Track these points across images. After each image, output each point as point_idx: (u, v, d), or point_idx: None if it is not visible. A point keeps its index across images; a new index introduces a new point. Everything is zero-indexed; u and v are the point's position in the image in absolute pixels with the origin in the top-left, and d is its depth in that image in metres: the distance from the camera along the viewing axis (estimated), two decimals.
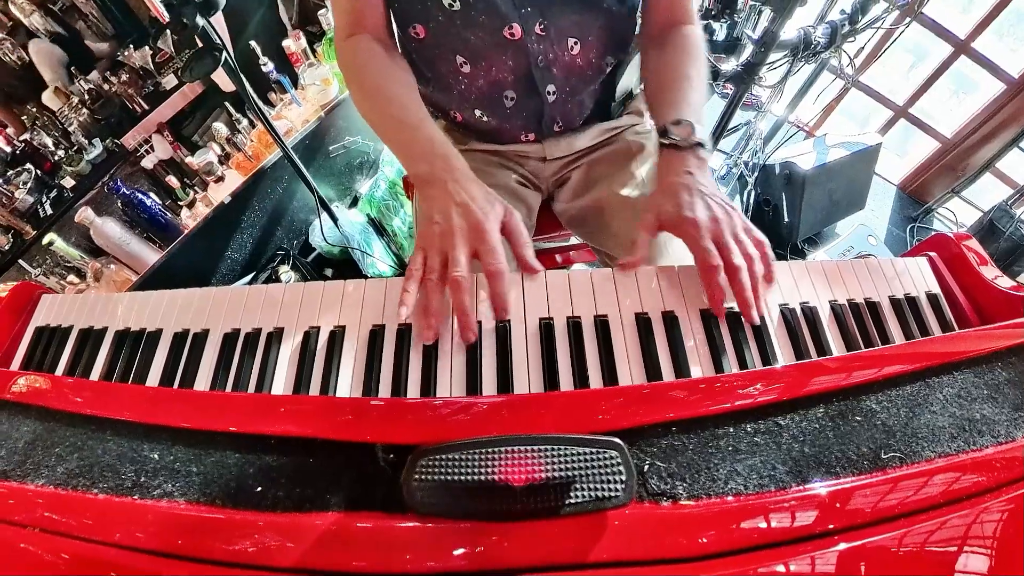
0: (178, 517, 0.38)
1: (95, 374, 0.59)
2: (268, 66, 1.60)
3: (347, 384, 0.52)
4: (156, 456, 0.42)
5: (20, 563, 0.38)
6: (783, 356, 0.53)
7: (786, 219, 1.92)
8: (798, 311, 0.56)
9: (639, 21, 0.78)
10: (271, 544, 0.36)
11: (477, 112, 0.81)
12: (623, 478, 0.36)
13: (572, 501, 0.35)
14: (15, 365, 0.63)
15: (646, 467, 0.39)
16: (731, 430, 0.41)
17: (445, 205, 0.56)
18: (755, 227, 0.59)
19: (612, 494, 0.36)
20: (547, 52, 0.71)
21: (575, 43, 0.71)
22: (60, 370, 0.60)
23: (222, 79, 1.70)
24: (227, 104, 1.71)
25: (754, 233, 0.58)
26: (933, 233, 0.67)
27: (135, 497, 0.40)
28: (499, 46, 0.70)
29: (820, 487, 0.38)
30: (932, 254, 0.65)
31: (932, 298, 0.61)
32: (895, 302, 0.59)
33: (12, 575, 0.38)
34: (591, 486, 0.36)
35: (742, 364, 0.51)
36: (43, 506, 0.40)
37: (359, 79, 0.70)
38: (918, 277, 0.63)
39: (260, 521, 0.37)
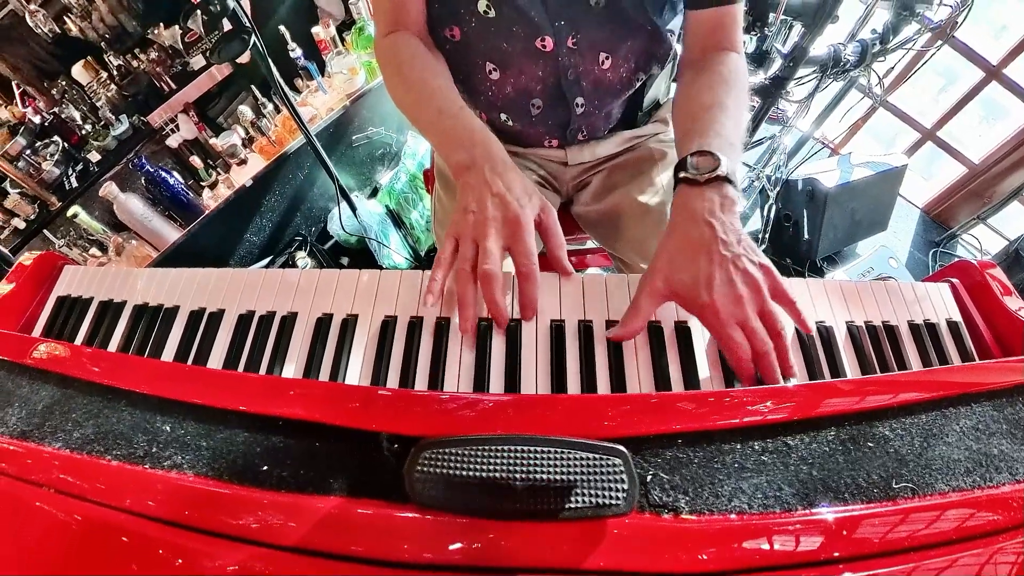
0: (186, 489, 0.39)
1: (112, 346, 0.60)
2: (296, 52, 1.61)
3: (356, 372, 0.52)
4: (168, 428, 0.43)
5: (35, 520, 0.39)
6: (796, 375, 0.52)
7: (806, 236, 1.89)
8: (813, 330, 0.56)
9: (675, 40, 0.76)
10: (273, 522, 0.37)
11: (502, 116, 0.81)
12: (625, 486, 0.36)
13: (572, 505, 0.35)
14: (37, 332, 0.65)
15: (649, 477, 0.39)
16: (738, 447, 0.41)
17: (481, 194, 0.54)
18: (783, 282, 0.51)
19: (613, 502, 0.35)
20: (578, 65, 0.71)
21: (606, 58, 0.71)
22: (79, 340, 0.62)
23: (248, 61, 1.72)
24: (253, 88, 1.74)
25: (784, 295, 0.50)
26: (956, 259, 0.66)
27: (146, 466, 0.41)
28: (530, 56, 0.69)
29: (827, 512, 0.37)
30: (954, 281, 0.64)
31: (952, 326, 0.59)
32: (914, 327, 0.58)
33: (26, 531, 0.39)
34: (592, 492, 0.36)
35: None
36: (58, 468, 0.42)
37: (402, 72, 0.68)
38: (939, 303, 0.61)
39: (264, 499, 0.38)
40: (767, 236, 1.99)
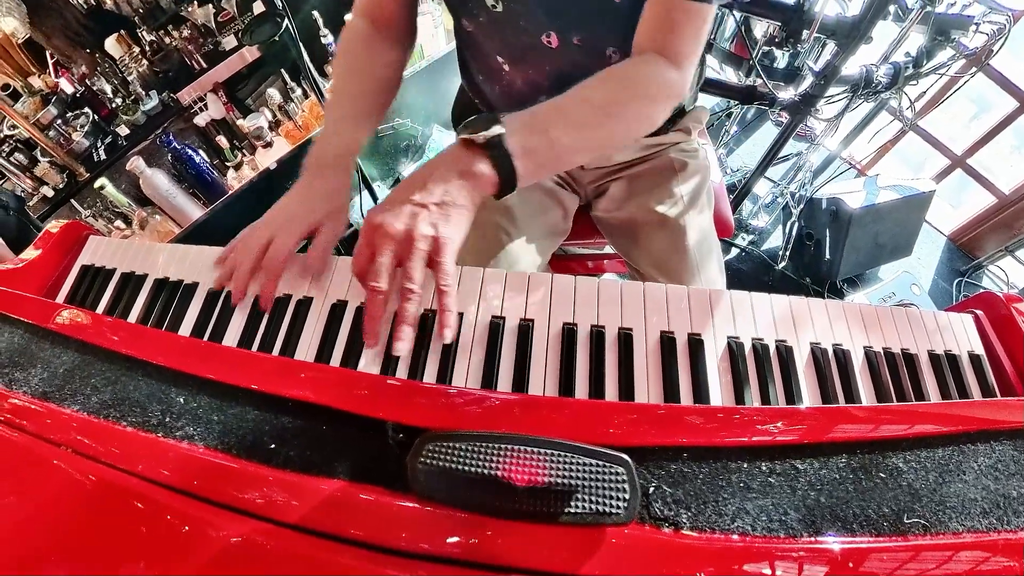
0: (196, 459, 0.40)
1: (132, 317, 0.61)
2: (328, 38, 1.62)
3: (367, 360, 0.53)
4: (182, 400, 0.44)
5: (52, 478, 0.41)
6: (808, 397, 0.51)
7: (827, 256, 1.86)
8: (830, 352, 0.55)
9: None
10: (277, 499, 0.38)
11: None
12: (626, 496, 0.36)
13: (572, 510, 0.35)
14: (60, 298, 0.67)
15: (651, 489, 0.38)
16: (745, 466, 0.40)
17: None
18: (447, 263, 0.49)
19: (613, 510, 0.35)
20: (585, 62, 0.69)
21: (613, 52, 0.69)
22: (100, 308, 0.63)
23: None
24: (283, 71, 1.76)
25: (439, 269, 0.49)
26: (981, 290, 0.64)
27: (159, 435, 0.42)
28: (537, 51, 0.69)
29: (833, 542, 0.37)
30: (978, 312, 0.62)
31: (974, 359, 0.58)
32: (934, 357, 0.57)
33: (43, 487, 0.41)
34: (593, 499, 0.35)
35: (764, 399, 0.50)
36: (76, 430, 0.43)
37: (338, 58, 0.73)
38: (961, 334, 0.60)
39: (270, 476, 0.39)
40: (787, 253, 1.96)
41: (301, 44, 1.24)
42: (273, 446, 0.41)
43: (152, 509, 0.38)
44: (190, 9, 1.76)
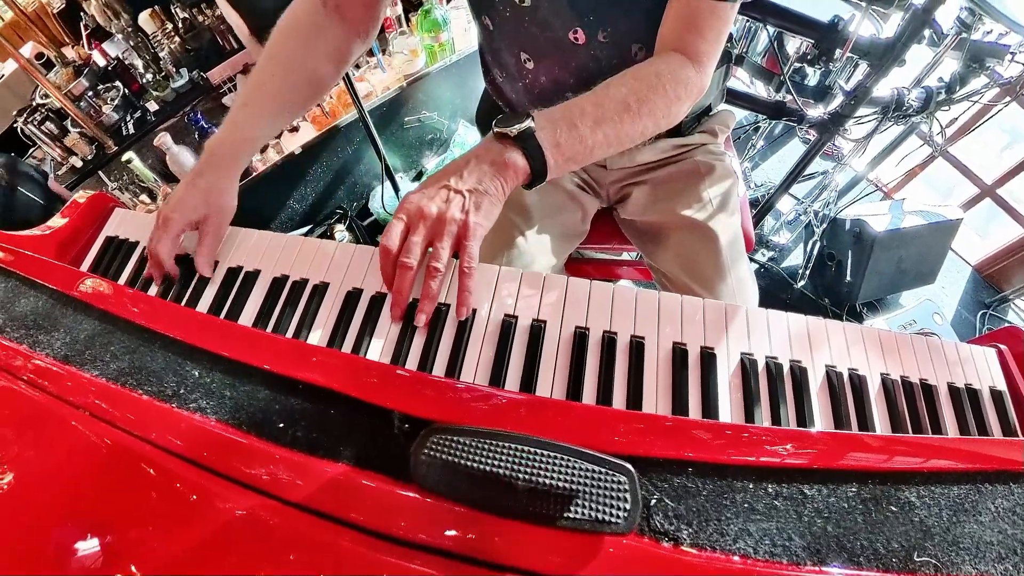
0: (208, 432, 0.41)
1: (152, 290, 0.63)
2: None
3: (378, 349, 0.53)
4: (196, 374, 0.45)
5: (69, 438, 0.42)
6: (821, 421, 0.50)
7: (848, 278, 1.83)
8: (845, 376, 0.54)
9: None
10: (283, 477, 0.38)
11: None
12: (627, 506, 0.35)
13: (571, 515, 0.35)
14: (84, 267, 0.68)
15: (653, 501, 0.38)
16: (750, 486, 0.39)
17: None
18: (472, 247, 0.52)
19: (613, 519, 0.35)
20: (610, 59, 0.70)
21: (639, 49, 0.69)
22: (122, 280, 0.65)
23: None
24: None
25: (465, 251, 0.52)
26: (1006, 324, 0.62)
27: (173, 405, 0.43)
28: (564, 48, 0.69)
29: (838, 573, 0.36)
30: (1002, 347, 0.60)
31: (996, 395, 0.56)
32: (954, 390, 0.55)
33: (61, 446, 0.42)
34: (593, 506, 0.35)
35: (775, 419, 0.49)
36: (95, 394, 0.44)
37: (272, 38, 0.68)
38: (983, 368, 0.58)
39: (277, 454, 0.39)
40: (807, 272, 1.92)
41: None
42: (282, 425, 0.41)
43: (163, 476, 0.39)
44: None
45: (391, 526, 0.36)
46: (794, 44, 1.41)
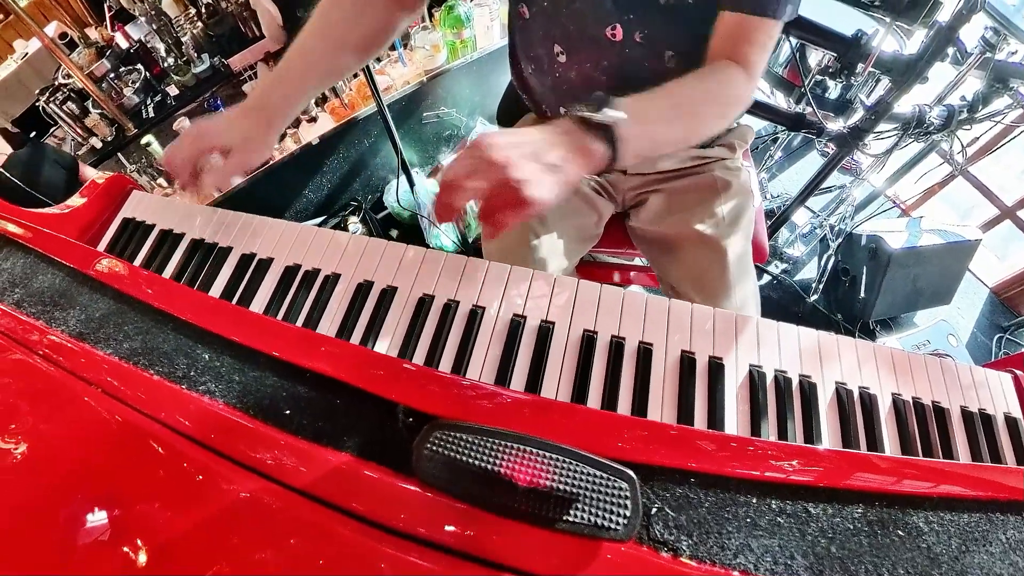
0: (216, 415, 0.42)
1: (167, 272, 0.63)
2: None
3: (386, 342, 0.53)
4: (207, 357, 0.46)
5: (82, 413, 0.43)
6: (828, 439, 0.50)
7: (862, 294, 1.80)
8: (855, 394, 0.53)
9: None
10: (287, 463, 0.39)
11: (562, 111, 0.80)
12: (627, 513, 0.35)
13: (570, 519, 0.35)
14: (101, 247, 0.69)
15: (654, 510, 0.38)
16: (754, 501, 0.39)
17: None
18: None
19: (612, 525, 0.35)
20: (642, 61, 0.70)
21: (672, 55, 0.69)
22: (138, 261, 0.66)
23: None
24: None
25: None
26: (1023, 350, 0.61)
27: (183, 387, 0.44)
28: (598, 44, 0.69)
29: None
30: (1018, 372, 0.59)
31: (1011, 422, 0.55)
32: (967, 415, 0.54)
33: (73, 420, 0.43)
34: (593, 510, 0.35)
35: (782, 434, 0.49)
36: (107, 372, 0.45)
37: (318, 7, 0.68)
38: (998, 394, 0.57)
39: (282, 440, 0.40)
40: (821, 287, 1.90)
41: None
42: (288, 412, 0.42)
43: (171, 455, 0.39)
44: None
45: (391, 517, 0.36)
46: (816, 57, 1.40)
